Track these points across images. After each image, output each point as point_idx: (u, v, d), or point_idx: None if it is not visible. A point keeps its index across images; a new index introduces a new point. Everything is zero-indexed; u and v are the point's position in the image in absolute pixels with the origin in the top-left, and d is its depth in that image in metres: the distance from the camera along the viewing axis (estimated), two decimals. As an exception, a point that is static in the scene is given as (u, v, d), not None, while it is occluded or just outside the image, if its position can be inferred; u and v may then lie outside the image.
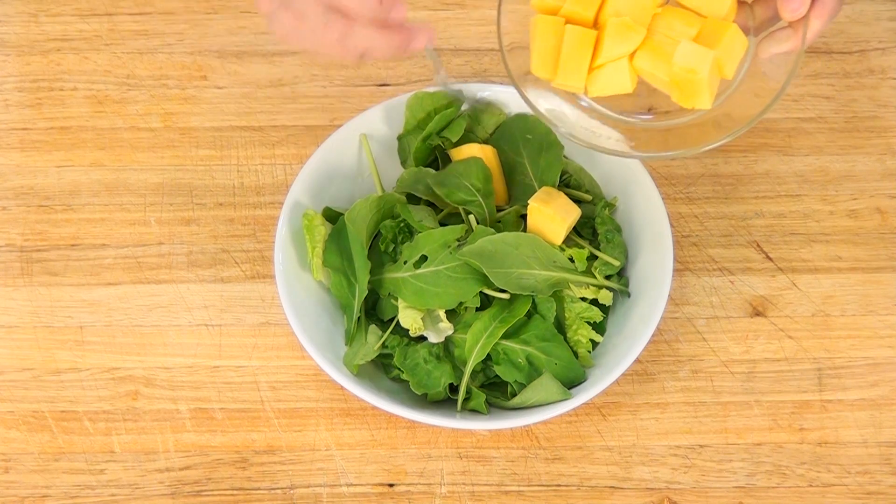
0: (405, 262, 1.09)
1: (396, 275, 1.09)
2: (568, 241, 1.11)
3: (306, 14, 0.97)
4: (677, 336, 1.14)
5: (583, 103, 1.05)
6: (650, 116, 1.05)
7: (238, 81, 1.25)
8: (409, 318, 1.08)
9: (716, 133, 1.01)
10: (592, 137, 1.03)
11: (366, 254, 1.09)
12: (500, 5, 1.04)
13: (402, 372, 1.08)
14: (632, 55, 1.01)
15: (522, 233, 1.09)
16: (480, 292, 1.08)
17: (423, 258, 1.08)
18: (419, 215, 1.11)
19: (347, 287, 1.10)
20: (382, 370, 1.11)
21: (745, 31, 1.02)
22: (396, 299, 1.09)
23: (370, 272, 1.10)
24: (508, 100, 1.17)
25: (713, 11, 1.01)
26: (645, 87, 1.03)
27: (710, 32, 1.00)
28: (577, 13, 1.02)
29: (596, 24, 1.03)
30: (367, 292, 1.10)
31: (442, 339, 1.08)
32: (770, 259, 1.17)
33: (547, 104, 1.04)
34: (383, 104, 1.16)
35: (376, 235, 1.12)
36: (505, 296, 1.08)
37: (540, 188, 1.12)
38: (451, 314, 1.10)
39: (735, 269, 1.17)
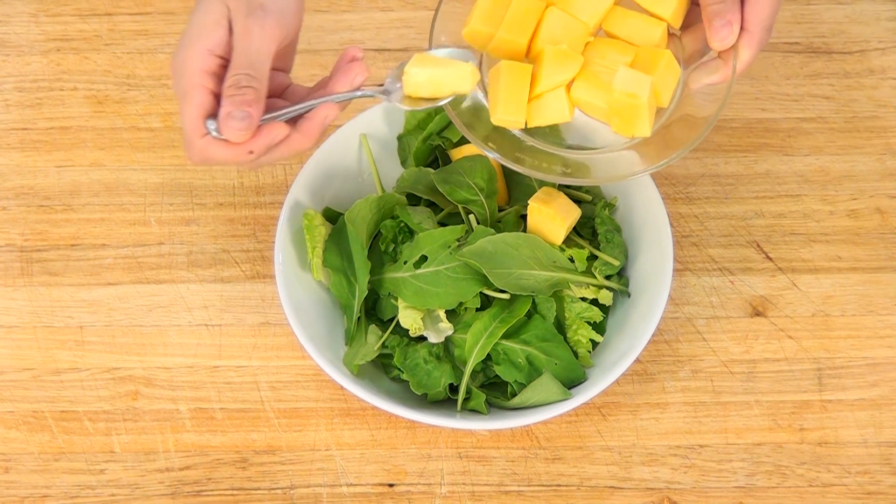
0: (405, 262, 1.09)
1: (396, 275, 1.09)
2: (568, 241, 1.11)
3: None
4: (677, 336, 1.14)
5: (515, 132, 1.05)
6: (577, 144, 1.06)
7: (238, 81, 1.25)
8: (408, 319, 1.08)
9: (649, 160, 1.02)
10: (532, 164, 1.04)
11: (366, 254, 1.09)
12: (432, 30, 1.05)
13: (402, 372, 1.08)
14: (568, 86, 1.01)
15: (522, 233, 1.09)
16: (480, 292, 1.08)
17: (423, 258, 1.08)
18: (418, 217, 1.11)
19: (347, 287, 1.10)
20: (382, 370, 1.11)
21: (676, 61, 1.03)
22: (396, 299, 1.09)
23: (370, 272, 1.10)
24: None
25: (645, 42, 1.02)
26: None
27: (644, 60, 1.01)
28: (510, 41, 1.03)
29: (528, 54, 1.04)
30: (367, 292, 1.10)
31: (442, 340, 1.08)
32: (770, 259, 1.17)
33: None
34: (383, 104, 1.16)
35: (376, 235, 1.12)
36: (505, 296, 1.08)
37: (540, 188, 1.12)
38: (451, 314, 1.10)
39: (735, 269, 1.17)
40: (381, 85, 1.03)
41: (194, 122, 0.96)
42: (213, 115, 0.96)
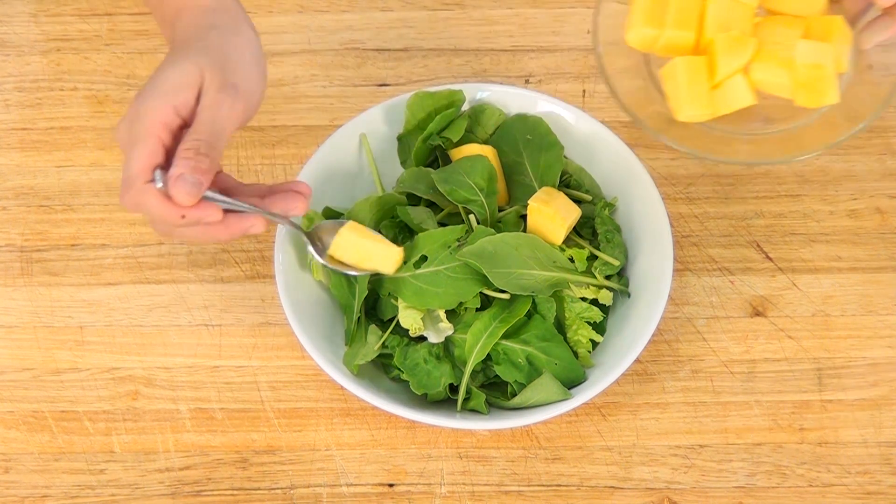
0: (405, 262, 1.09)
1: (396, 275, 1.09)
2: (568, 241, 1.11)
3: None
4: (677, 336, 1.14)
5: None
6: (760, 124, 1.07)
7: (238, 81, 1.25)
8: (409, 319, 1.08)
9: (840, 129, 1.03)
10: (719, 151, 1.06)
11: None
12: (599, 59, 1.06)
13: (402, 372, 1.08)
14: (745, 69, 1.02)
15: (522, 233, 1.09)
16: (480, 293, 1.08)
17: (423, 258, 1.08)
18: (418, 217, 1.11)
19: (347, 287, 1.10)
20: (382, 370, 1.11)
21: None
22: (396, 299, 1.09)
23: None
24: (508, 100, 1.17)
25: (808, 11, 1.03)
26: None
27: (817, 30, 1.02)
28: (680, 37, 1.04)
29: (697, 48, 1.04)
30: (366, 292, 1.10)
31: (442, 339, 1.08)
32: (770, 259, 1.17)
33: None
34: (383, 104, 1.16)
35: (376, 235, 1.12)
36: (505, 296, 1.08)
37: (540, 188, 1.12)
38: (451, 314, 1.10)
39: (735, 269, 1.17)
40: (308, 231, 1.07)
41: (142, 167, 0.96)
42: (160, 168, 0.97)
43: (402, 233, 1.11)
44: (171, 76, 0.98)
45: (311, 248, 1.07)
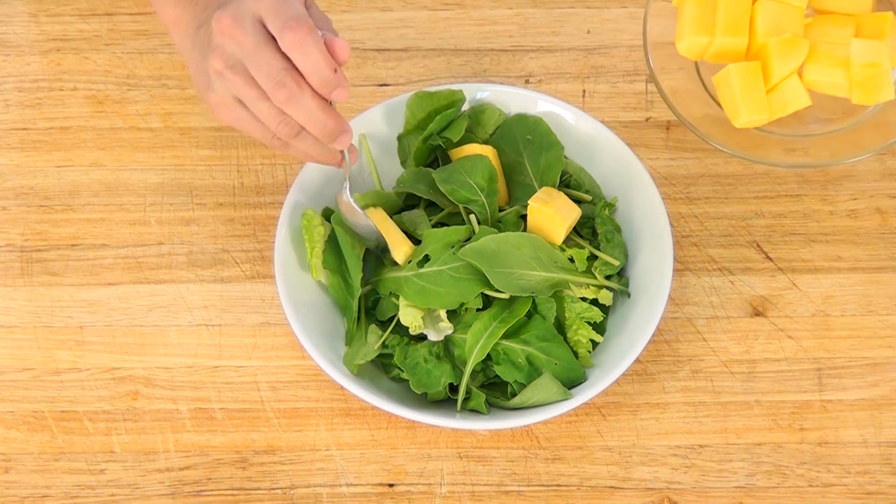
0: (408, 262, 1.09)
1: (399, 274, 1.09)
2: (568, 241, 1.11)
3: (261, 69, 0.99)
4: (677, 336, 1.14)
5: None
6: (817, 125, 1.07)
7: (238, 81, 1.25)
8: (409, 317, 1.08)
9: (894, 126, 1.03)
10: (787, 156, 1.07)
11: (358, 255, 1.09)
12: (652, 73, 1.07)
13: (402, 371, 1.08)
14: (799, 72, 1.02)
15: (524, 233, 1.10)
16: (482, 293, 1.08)
17: (426, 258, 1.08)
18: (412, 223, 1.11)
19: (345, 288, 1.10)
20: (382, 370, 1.11)
21: None
22: (398, 298, 1.09)
23: (372, 272, 1.10)
24: (508, 100, 1.17)
25: (857, 8, 1.03)
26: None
27: (871, 28, 1.02)
28: (731, 43, 1.04)
29: (749, 53, 1.04)
30: (360, 291, 1.10)
31: (442, 338, 1.08)
32: (770, 259, 1.17)
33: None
34: (383, 104, 1.16)
35: (376, 235, 1.12)
36: (504, 295, 1.08)
37: (540, 188, 1.12)
38: (452, 314, 1.10)
39: (735, 269, 1.17)
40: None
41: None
42: None
43: (401, 233, 1.12)
44: None
45: (347, 187, 1.08)
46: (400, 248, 1.09)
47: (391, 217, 1.12)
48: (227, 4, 1.00)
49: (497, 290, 1.08)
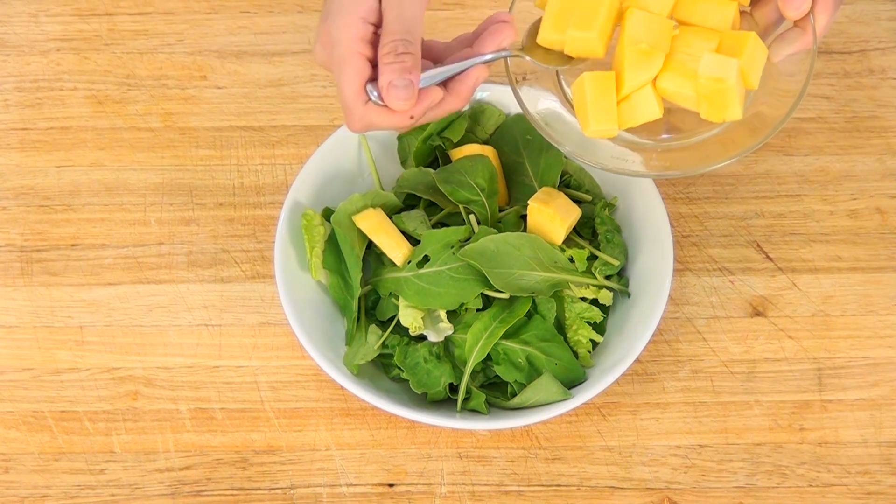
0: (408, 262, 1.09)
1: (399, 274, 1.09)
2: (568, 242, 1.11)
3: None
4: (677, 336, 1.14)
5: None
6: (669, 136, 1.06)
7: (238, 81, 1.25)
8: (409, 317, 1.08)
9: (746, 140, 1.02)
10: (618, 163, 1.04)
11: (356, 254, 1.09)
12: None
13: (403, 371, 1.08)
14: (654, 79, 1.01)
15: (524, 233, 1.09)
16: (481, 293, 1.08)
17: (426, 258, 1.08)
18: (412, 223, 1.11)
19: (345, 288, 1.10)
20: (382, 370, 1.11)
21: None
22: (398, 298, 1.09)
23: (371, 272, 1.10)
24: (508, 100, 1.17)
25: (719, 24, 1.02)
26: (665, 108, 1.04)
27: (730, 45, 1.01)
28: (581, 39, 1.02)
29: (614, 63, 1.03)
30: (360, 291, 1.10)
31: (442, 339, 1.08)
32: (770, 259, 1.17)
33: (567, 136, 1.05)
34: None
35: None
36: (504, 295, 1.08)
37: (540, 188, 1.12)
38: (451, 314, 1.10)
39: (735, 269, 1.17)
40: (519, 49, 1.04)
41: (356, 90, 0.96)
42: (371, 80, 0.96)
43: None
44: None
45: (530, 59, 1.04)
46: (398, 249, 1.09)
47: (391, 217, 1.12)
48: (330, 7, 0.98)
49: (497, 290, 1.08)
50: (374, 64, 0.97)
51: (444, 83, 0.99)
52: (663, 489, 1.09)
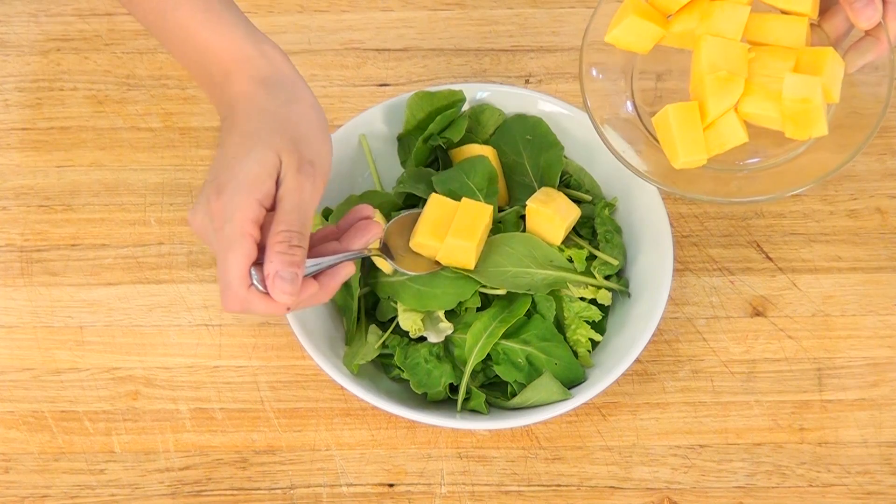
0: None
1: (395, 279, 1.09)
2: (567, 241, 1.11)
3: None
4: (677, 336, 1.14)
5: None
6: (757, 160, 1.07)
7: (238, 81, 1.25)
8: (408, 321, 1.08)
9: (835, 156, 1.03)
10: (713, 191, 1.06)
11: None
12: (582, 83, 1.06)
13: (403, 371, 1.08)
14: (736, 105, 1.02)
15: (518, 233, 1.10)
16: (480, 293, 1.08)
17: (423, 259, 1.09)
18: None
19: (344, 289, 1.10)
20: (382, 370, 1.11)
21: None
22: (396, 302, 1.09)
23: (370, 274, 1.10)
24: (508, 100, 1.17)
25: (791, 41, 1.03)
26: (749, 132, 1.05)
27: (809, 63, 1.02)
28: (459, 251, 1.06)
29: (692, 90, 1.04)
30: (359, 292, 1.10)
31: (442, 339, 1.08)
32: (770, 259, 1.17)
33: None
34: (383, 104, 1.16)
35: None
36: (501, 291, 1.08)
37: (540, 188, 1.12)
38: (451, 314, 1.10)
39: (735, 269, 1.17)
40: (380, 246, 1.07)
41: (242, 273, 0.94)
42: (255, 264, 0.95)
43: (401, 233, 1.12)
44: (251, 168, 0.94)
45: (391, 263, 1.07)
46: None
47: (390, 215, 1.12)
48: (228, 181, 0.96)
49: (493, 287, 1.08)
50: (260, 247, 0.95)
51: (316, 276, 0.99)
52: (663, 489, 1.09)
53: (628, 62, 1.11)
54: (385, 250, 1.07)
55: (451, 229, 1.06)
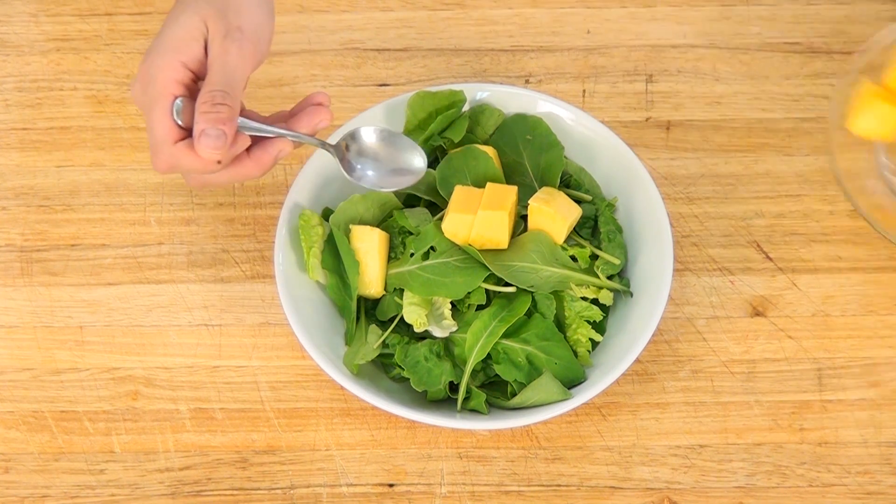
0: (412, 255, 1.09)
1: (403, 269, 1.09)
2: (568, 241, 1.11)
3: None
4: (677, 336, 1.14)
5: None
6: None
7: (238, 81, 1.25)
8: (413, 314, 1.08)
9: None
10: None
11: (353, 254, 1.09)
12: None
13: (403, 370, 1.08)
14: None
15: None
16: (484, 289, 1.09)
17: (431, 249, 1.09)
18: (415, 220, 1.11)
19: (343, 288, 1.10)
20: (382, 370, 1.11)
21: None
22: (401, 297, 1.09)
23: (370, 272, 1.11)
24: (508, 100, 1.17)
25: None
26: None
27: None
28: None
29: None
30: (358, 292, 1.10)
31: (446, 334, 1.08)
32: (770, 259, 1.17)
33: None
34: (383, 104, 1.16)
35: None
36: (510, 289, 1.08)
37: (540, 188, 1.12)
38: (453, 312, 1.10)
39: (735, 269, 1.17)
40: (335, 144, 1.07)
41: (166, 130, 0.97)
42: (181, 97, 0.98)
43: (402, 233, 1.11)
44: (175, 32, 0.98)
45: (342, 168, 1.07)
46: (374, 285, 1.09)
47: (390, 215, 1.12)
48: (153, 46, 0.99)
49: (501, 283, 1.08)
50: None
51: (248, 149, 1.00)
52: (663, 489, 1.09)
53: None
54: (338, 151, 1.06)
55: (482, 205, 1.07)
